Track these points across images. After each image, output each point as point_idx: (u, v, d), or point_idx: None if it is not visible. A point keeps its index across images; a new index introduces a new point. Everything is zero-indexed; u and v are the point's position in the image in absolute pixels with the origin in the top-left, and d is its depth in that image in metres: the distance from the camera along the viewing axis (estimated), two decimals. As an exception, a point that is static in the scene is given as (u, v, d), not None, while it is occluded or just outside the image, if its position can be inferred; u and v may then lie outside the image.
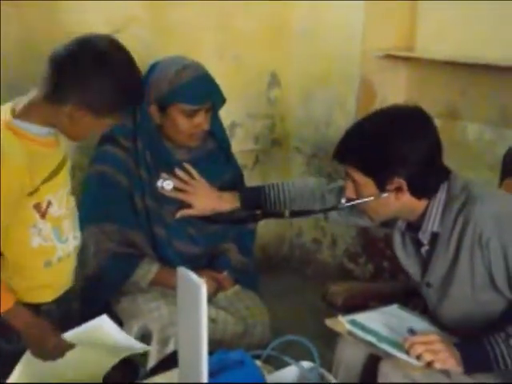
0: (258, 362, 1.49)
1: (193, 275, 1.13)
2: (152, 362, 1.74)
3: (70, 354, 1.50)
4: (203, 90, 1.88)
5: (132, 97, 1.52)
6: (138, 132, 1.87)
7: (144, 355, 1.75)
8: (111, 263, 1.80)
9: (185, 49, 2.86)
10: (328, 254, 3.36)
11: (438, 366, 1.44)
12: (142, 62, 2.77)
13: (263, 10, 3.08)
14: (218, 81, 3.03)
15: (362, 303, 1.77)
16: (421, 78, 2.97)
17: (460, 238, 1.56)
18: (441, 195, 1.60)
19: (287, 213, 1.87)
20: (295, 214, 1.91)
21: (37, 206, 1.49)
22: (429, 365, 1.44)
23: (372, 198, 1.58)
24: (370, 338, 1.53)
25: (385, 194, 1.57)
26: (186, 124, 1.85)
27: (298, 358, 1.47)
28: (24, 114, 1.47)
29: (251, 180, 3.36)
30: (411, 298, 1.92)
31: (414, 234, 1.67)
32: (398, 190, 1.56)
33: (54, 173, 1.51)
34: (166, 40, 2.84)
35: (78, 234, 1.65)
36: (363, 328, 1.58)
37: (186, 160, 1.94)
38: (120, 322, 1.80)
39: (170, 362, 1.60)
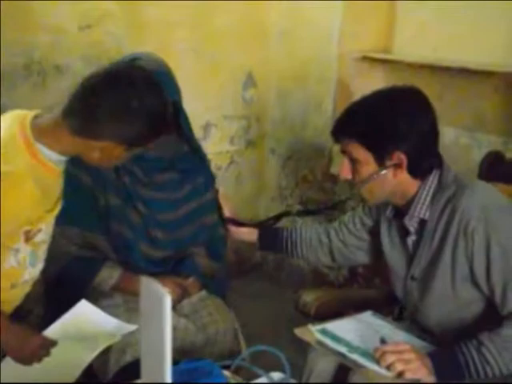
0: (227, 373, 1.44)
1: (157, 285, 1.07)
2: (110, 372, 1.67)
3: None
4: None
5: (164, 127, 1.46)
6: None
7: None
8: (72, 267, 1.73)
9: (158, 46, 2.81)
10: (302, 258, 3.32)
11: (408, 375, 1.40)
12: (113, 58, 2.74)
13: (239, 8, 3.04)
14: (193, 80, 3.01)
15: (336, 311, 1.72)
16: (398, 81, 2.91)
17: (446, 226, 1.54)
18: (432, 182, 1.59)
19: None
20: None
21: (27, 232, 1.43)
22: (400, 375, 1.40)
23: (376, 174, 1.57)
24: (340, 348, 1.49)
25: (384, 171, 1.55)
26: None
27: (270, 367, 1.42)
28: (46, 138, 1.39)
29: (225, 181, 3.32)
30: (386, 304, 1.89)
31: (402, 221, 1.65)
32: (397, 167, 1.55)
33: (56, 203, 1.47)
34: (140, 37, 2.79)
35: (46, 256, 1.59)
36: (333, 337, 1.54)
37: (156, 157, 1.86)
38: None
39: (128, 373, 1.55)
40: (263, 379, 1.40)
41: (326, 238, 1.91)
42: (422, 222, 1.61)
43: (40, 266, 1.56)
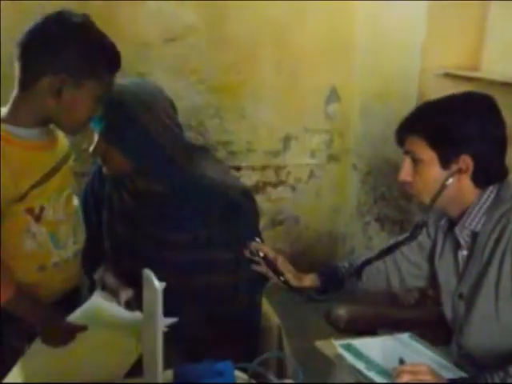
0: (244, 376, 1.47)
1: (154, 279, 1.14)
2: None
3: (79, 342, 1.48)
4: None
5: (107, 59, 1.46)
6: None
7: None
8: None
9: (239, 60, 2.92)
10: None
11: None
12: (197, 69, 2.87)
13: (324, 25, 3.08)
14: (273, 93, 3.06)
15: (369, 328, 1.69)
16: (483, 100, 2.84)
17: (496, 242, 1.49)
18: (490, 194, 1.53)
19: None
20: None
21: (29, 211, 1.47)
22: (413, 396, 1.37)
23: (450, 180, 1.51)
24: (358, 364, 1.47)
25: (450, 180, 1.50)
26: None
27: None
28: (10, 117, 1.45)
29: (304, 194, 3.36)
30: (431, 327, 1.83)
31: (454, 234, 1.60)
32: (461, 172, 1.50)
33: (47, 177, 1.48)
34: (222, 50, 2.89)
35: (80, 238, 1.64)
36: (356, 353, 1.51)
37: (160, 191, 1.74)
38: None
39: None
40: (273, 385, 1.42)
41: (382, 265, 1.84)
42: (474, 236, 1.55)
43: (72, 247, 1.59)
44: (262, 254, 1.75)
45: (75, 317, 1.54)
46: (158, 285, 1.12)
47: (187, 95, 2.80)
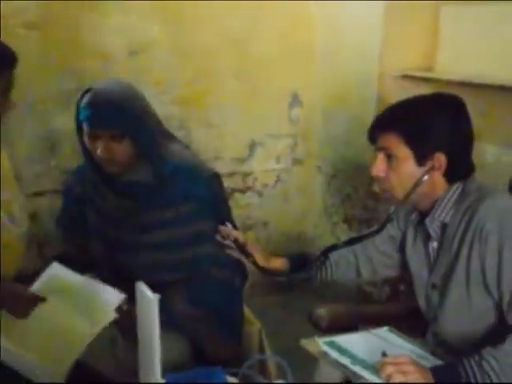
0: (235, 379, 1.50)
1: (148, 290, 1.17)
2: None
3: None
4: (94, 113, 1.71)
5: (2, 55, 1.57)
6: None
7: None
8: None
9: (203, 70, 2.96)
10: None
11: None
12: (161, 81, 2.90)
13: (282, 32, 3.14)
14: (237, 101, 3.12)
15: (350, 325, 1.75)
16: (440, 99, 2.94)
17: (464, 231, 1.55)
18: (457, 187, 1.60)
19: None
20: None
21: None
22: (398, 387, 1.43)
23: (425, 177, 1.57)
24: (343, 359, 1.52)
25: (426, 177, 1.56)
26: (91, 147, 1.76)
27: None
28: None
29: (272, 199, 3.41)
30: (405, 319, 1.90)
31: (425, 226, 1.66)
32: (434, 168, 1.56)
33: None
34: (185, 61, 2.93)
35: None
36: (339, 349, 1.57)
37: (122, 184, 1.83)
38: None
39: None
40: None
41: (352, 257, 1.92)
42: (444, 228, 1.62)
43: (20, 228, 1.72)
44: (232, 238, 1.81)
45: (36, 287, 1.62)
46: (153, 296, 1.15)
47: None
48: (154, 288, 1.39)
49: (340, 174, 3.30)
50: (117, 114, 1.69)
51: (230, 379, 1.49)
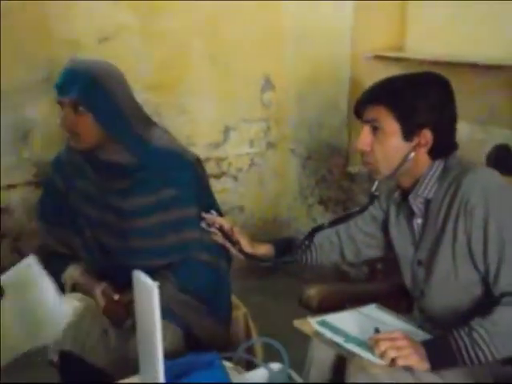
0: (230, 364, 1.51)
1: (146, 278, 1.16)
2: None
3: None
4: (61, 81, 1.72)
5: None
6: None
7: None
8: (46, 261, 1.79)
9: (174, 55, 2.93)
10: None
11: (400, 362, 1.44)
12: (133, 68, 2.86)
13: (253, 16, 3.14)
14: (210, 86, 3.10)
15: (339, 305, 1.77)
16: (411, 79, 2.98)
17: (449, 206, 1.57)
18: (439, 164, 1.62)
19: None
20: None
21: None
22: (392, 362, 1.45)
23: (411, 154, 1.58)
24: (337, 338, 1.54)
25: (412, 154, 1.58)
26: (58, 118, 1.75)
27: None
28: None
29: (247, 183, 3.41)
30: (393, 296, 1.93)
31: (408, 204, 1.68)
32: (419, 145, 1.58)
33: None
34: (156, 47, 2.89)
35: None
36: (332, 328, 1.58)
37: (112, 162, 1.79)
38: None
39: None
40: (262, 369, 1.47)
41: (335, 238, 1.93)
42: (427, 204, 1.64)
43: None
44: (217, 226, 1.81)
45: (3, 278, 1.51)
46: (152, 284, 1.14)
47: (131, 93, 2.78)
48: None
49: (314, 155, 3.32)
50: (79, 83, 1.68)
51: (225, 364, 1.50)
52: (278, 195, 3.56)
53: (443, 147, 1.61)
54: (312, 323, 1.60)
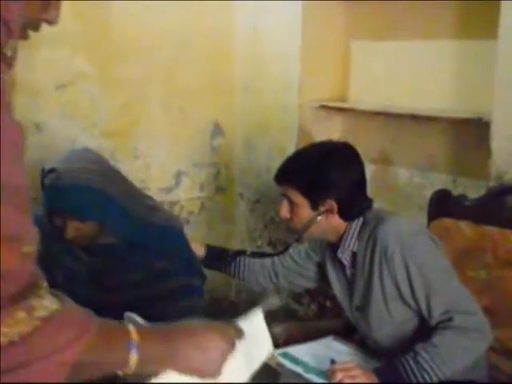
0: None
1: (140, 320, 1.21)
2: None
3: None
4: (59, 205, 1.75)
5: None
6: None
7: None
8: None
9: (129, 102, 3.03)
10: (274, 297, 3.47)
11: None
12: (89, 115, 2.94)
13: (205, 66, 3.28)
14: (164, 133, 3.21)
15: (302, 341, 1.91)
16: (354, 127, 3.18)
17: (371, 256, 1.79)
18: (357, 221, 1.85)
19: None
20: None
21: None
22: (348, 389, 1.59)
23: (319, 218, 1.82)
24: (297, 368, 1.69)
25: (319, 217, 1.80)
26: (58, 224, 1.80)
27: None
28: None
29: (197, 226, 3.50)
30: (346, 332, 2.07)
31: (336, 255, 1.90)
32: (328, 211, 1.81)
33: None
34: (113, 94, 2.98)
35: None
36: (293, 360, 1.73)
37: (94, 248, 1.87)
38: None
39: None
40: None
41: (269, 262, 2.13)
42: (354, 256, 1.85)
43: None
44: None
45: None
46: (145, 324, 1.19)
47: (82, 140, 2.84)
48: None
49: (263, 198, 3.45)
50: (78, 203, 1.71)
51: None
52: (227, 238, 3.65)
53: (352, 210, 1.84)
54: (275, 355, 1.71)
